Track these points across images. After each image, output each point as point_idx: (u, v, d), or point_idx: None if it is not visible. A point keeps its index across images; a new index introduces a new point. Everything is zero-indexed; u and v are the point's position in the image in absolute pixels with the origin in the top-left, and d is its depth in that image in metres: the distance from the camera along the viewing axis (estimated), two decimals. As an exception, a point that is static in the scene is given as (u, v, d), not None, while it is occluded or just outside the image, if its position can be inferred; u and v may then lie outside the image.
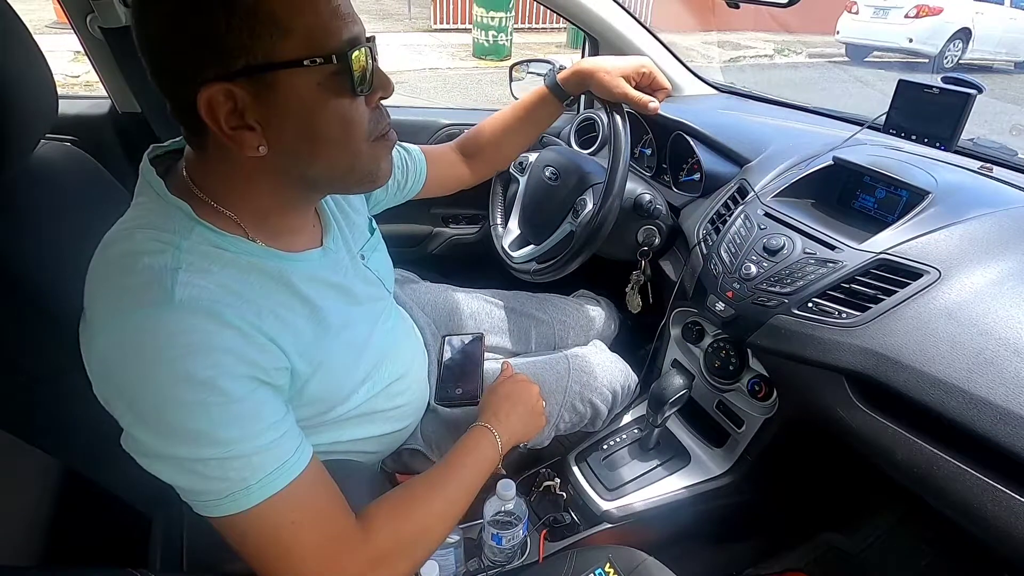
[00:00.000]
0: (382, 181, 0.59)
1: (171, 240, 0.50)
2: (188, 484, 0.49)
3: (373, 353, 0.70)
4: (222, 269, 0.51)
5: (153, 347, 0.46)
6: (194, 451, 0.47)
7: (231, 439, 0.48)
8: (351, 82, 0.49)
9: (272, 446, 0.50)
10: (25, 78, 0.57)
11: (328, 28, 0.48)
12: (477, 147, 1.01)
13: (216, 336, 0.48)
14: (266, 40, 0.45)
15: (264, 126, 0.49)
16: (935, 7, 6.95)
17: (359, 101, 0.52)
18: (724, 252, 0.89)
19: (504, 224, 1.28)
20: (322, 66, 0.48)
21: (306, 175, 0.55)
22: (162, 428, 0.47)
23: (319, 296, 0.60)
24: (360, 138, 0.53)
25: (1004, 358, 0.60)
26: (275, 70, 0.47)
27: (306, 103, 0.49)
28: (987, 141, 0.98)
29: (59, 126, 0.66)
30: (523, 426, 0.77)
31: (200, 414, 0.47)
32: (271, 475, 0.49)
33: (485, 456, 0.70)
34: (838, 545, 1.14)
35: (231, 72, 0.46)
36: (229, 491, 0.48)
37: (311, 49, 0.47)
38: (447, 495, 0.63)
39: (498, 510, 0.83)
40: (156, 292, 0.47)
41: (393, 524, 0.57)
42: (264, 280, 0.55)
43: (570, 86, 0.93)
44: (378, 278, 0.74)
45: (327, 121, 0.51)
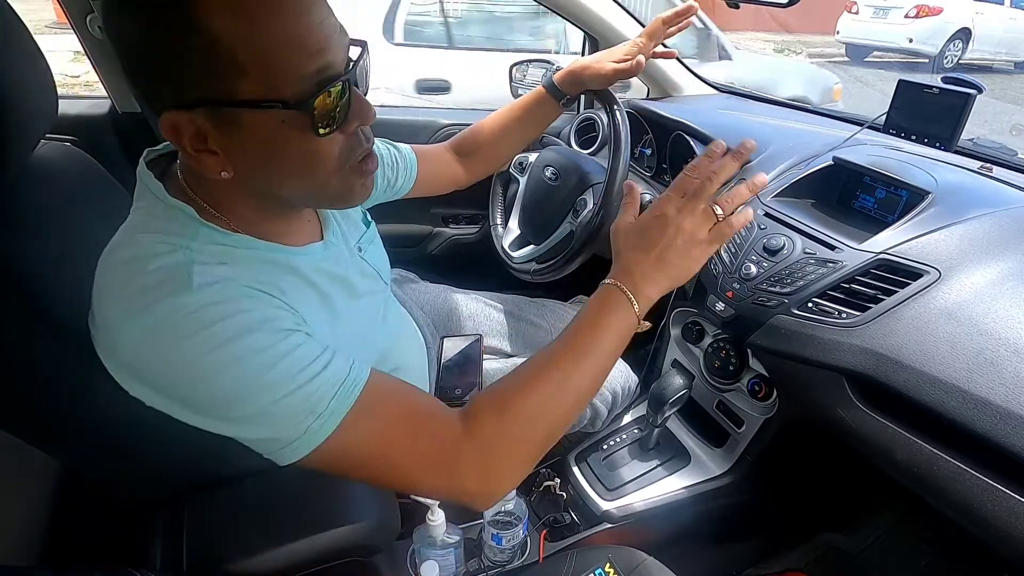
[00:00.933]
0: (357, 201, 0.57)
1: (179, 242, 0.50)
2: (261, 436, 0.49)
3: (374, 345, 0.70)
4: (234, 263, 0.52)
5: (183, 328, 0.46)
6: (252, 405, 0.47)
7: (281, 380, 0.47)
8: (312, 125, 0.46)
9: (324, 372, 0.49)
10: (25, 78, 0.57)
11: (287, 68, 0.45)
12: (473, 146, 1.00)
13: (241, 301, 0.48)
14: (223, 77, 0.44)
15: (226, 153, 0.48)
16: (935, 7, 6.95)
17: (332, 135, 0.49)
18: (724, 252, 0.89)
19: (504, 224, 1.28)
20: (283, 110, 0.45)
21: (277, 195, 0.54)
22: (214, 398, 0.48)
23: (327, 286, 0.60)
24: (328, 170, 0.51)
25: (1004, 358, 0.60)
26: (233, 107, 0.45)
27: (268, 140, 0.47)
28: (987, 141, 0.98)
29: (59, 126, 0.66)
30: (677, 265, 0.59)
31: (244, 369, 0.47)
32: (336, 397, 0.49)
33: (616, 322, 0.57)
34: (838, 545, 1.14)
35: (190, 102, 0.45)
36: (304, 427, 0.48)
37: (268, 91, 0.45)
38: (566, 374, 0.55)
39: (498, 510, 0.83)
40: (174, 283, 0.47)
41: (499, 413, 0.53)
42: (276, 270, 0.56)
43: (566, 85, 0.93)
44: (375, 270, 0.74)
45: (291, 157, 0.49)
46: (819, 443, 0.87)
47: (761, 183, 0.59)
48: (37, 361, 0.56)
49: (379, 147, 0.87)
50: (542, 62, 1.25)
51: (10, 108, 0.54)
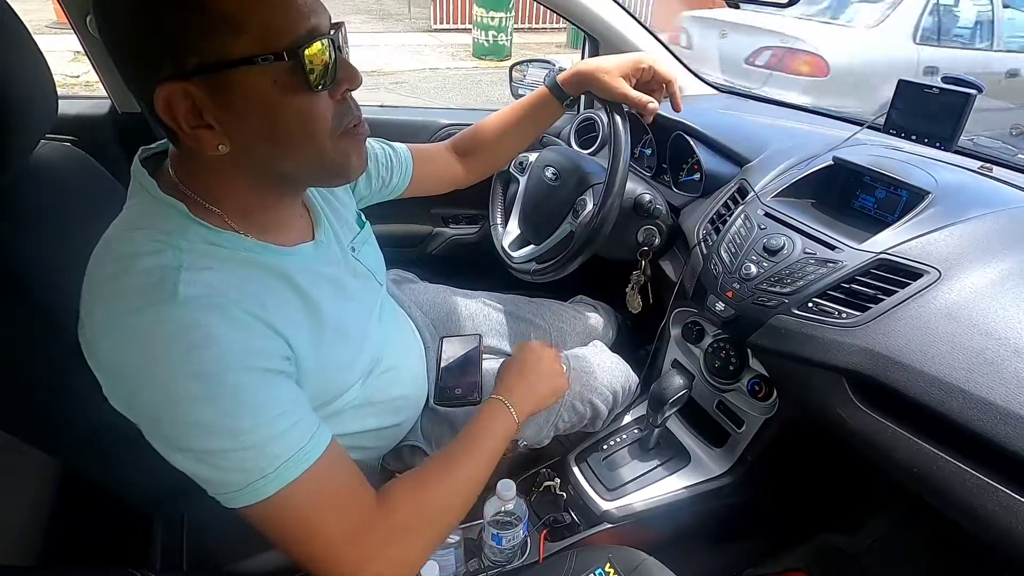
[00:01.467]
0: (355, 175, 0.58)
1: (168, 240, 0.50)
2: (207, 475, 0.49)
3: (369, 347, 0.70)
4: (221, 265, 0.51)
5: (161, 345, 0.46)
6: (209, 443, 0.48)
7: (243, 430, 0.48)
8: (306, 78, 0.48)
9: (286, 434, 0.50)
10: (25, 78, 0.57)
11: (282, 24, 0.46)
12: (473, 145, 1.00)
13: (221, 329, 0.48)
14: (218, 38, 0.45)
15: (223, 124, 0.49)
16: (935, 7, 6.95)
17: (321, 96, 0.50)
18: (724, 252, 0.89)
19: (504, 224, 1.28)
20: (276, 63, 0.46)
21: (276, 171, 0.54)
22: (176, 422, 0.48)
23: (315, 290, 0.60)
24: (324, 133, 0.52)
25: (1004, 358, 0.60)
26: (228, 68, 0.46)
27: (263, 101, 0.48)
28: (987, 141, 0.98)
29: (59, 126, 0.66)
30: (542, 390, 0.78)
31: (211, 407, 0.47)
32: (288, 463, 0.49)
33: (501, 429, 0.70)
34: (838, 545, 1.13)
35: (185, 71, 0.45)
36: (248, 481, 0.48)
37: (264, 46, 0.46)
38: (465, 470, 0.64)
39: (498, 510, 0.83)
40: (159, 291, 0.47)
41: (413, 499, 0.58)
42: (262, 274, 0.55)
43: (570, 87, 0.93)
44: (368, 271, 0.74)
45: (286, 118, 0.50)
46: (819, 443, 0.87)
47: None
48: (37, 361, 0.56)
49: (373, 146, 0.87)
50: (542, 62, 1.25)
51: (10, 108, 0.54)
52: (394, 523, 0.56)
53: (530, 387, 0.77)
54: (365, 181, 0.85)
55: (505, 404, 0.73)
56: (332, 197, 0.73)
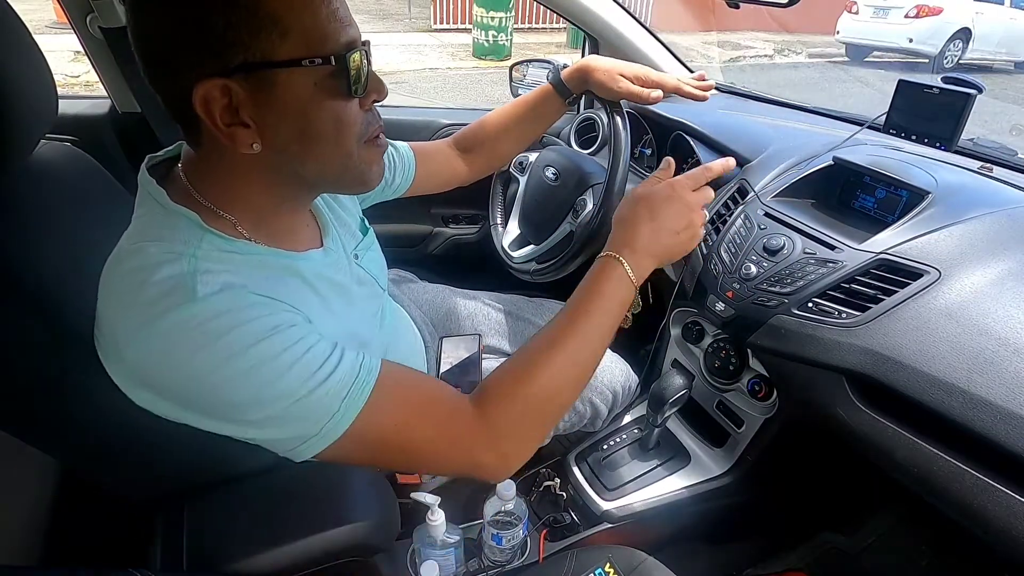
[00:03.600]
0: (373, 184, 0.59)
1: (183, 250, 0.50)
2: (277, 436, 0.51)
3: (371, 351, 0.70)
4: (237, 269, 0.52)
5: (191, 341, 0.47)
6: (266, 411, 0.49)
7: (294, 387, 0.49)
8: (347, 83, 0.50)
9: (336, 372, 0.50)
10: (25, 78, 0.57)
11: (326, 31, 0.48)
12: (476, 142, 1.00)
13: (244, 312, 0.49)
14: (265, 39, 0.46)
15: (258, 123, 0.49)
16: (935, 7, 6.95)
17: (353, 103, 0.52)
18: (724, 252, 0.89)
19: (504, 224, 1.28)
20: (320, 67, 0.48)
21: (299, 173, 0.55)
22: (229, 406, 0.49)
23: (326, 292, 0.61)
24: (352, 139, 0.54)
25: (1004, 358, 0.60)
26: (273, 68, 0.47)
27: (301, 102, 0.49)
28: (987, 141, 0.98)
29: (59, 126, 0.66)
30: (666, 242, 0.65)
31: (258, 377, 0.48)
32: (349, 394, 0.50)
33: (612, 295, 0.61)
34: (838, 545, 1.14)
35: (229, 68, 0.46)
36: (320, 426, 0.50)
37: (309, 50, 0.48)
38: (569, 353, 0.58)
39: (498, 510, 0.83)
40: (180, 295, 0.47)
41: (509, 397, 0.56)
42: (278, 274, 0.56)
43: (573, 83, 0.93)
44: (372, 277, 0.74)
45: (321, 120, 0.51)
46: (819, 443, 0.87)
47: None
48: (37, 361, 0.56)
49: None
50: (542, 62, 1.25)
51: (10, 108, 0.54)
52: (491, 426, 0.55)
53: (654, 234, 0.64)
54: None
55: (618, 260, 0.62)
56: (337, 205, 0.74)
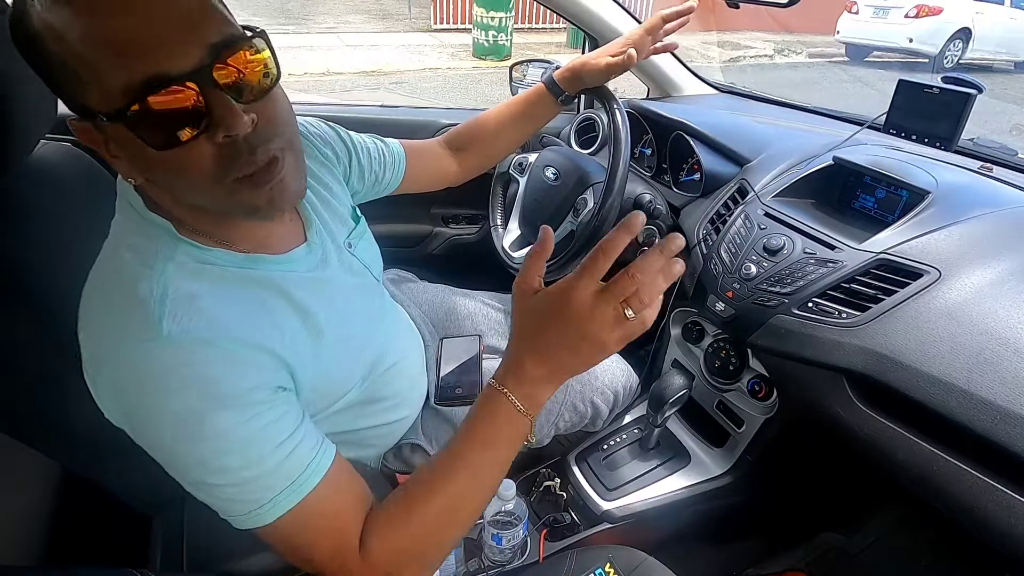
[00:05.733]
0: (269, 216, 0.51)
1: (155, 264, 0.49)
2: (209, 502, 0.49)
3: (371, 347, 0.70)
4: (211, 287, 0.50)
5: (151, 382, 0.46)
6: (206, 477, 0.48)
7: (239, 466, 0.47)
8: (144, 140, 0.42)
9: (286, 462, 0.49)
10: (25, 78, 0.57)
11: (111, 77, 0.40)
12: (467, 141, 0.99)
13: (211, 367, 0.47)
14: (75, 90, 0.43)
15: (124, 160, 0.47)
16: (935, 7, 6.94)
17: (196, 144, 0.44)
18: (724, 252, 0.89)
19: (504, 224, 1.28)
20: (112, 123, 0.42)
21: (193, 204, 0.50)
22: (173, 455, 0.48)
23: (313, 298, 0.59)
24: (206, 183, 0.46)
25: (1004, 358, 0.60)
26: (87, 120, 0.44)
27: (132, 150, 0.44)
28: (987, 141, 0.98)
29: (59, 126, 0.66)
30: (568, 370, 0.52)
31: (203, 446, 0.46)
32: (286, 491, 0.49)
33: (498, 429, 0.53)
34: (838, 545, 1.14)
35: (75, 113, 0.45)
36: (248, 510, 0.48)
37: (101, 102, 0.41)
38: (449, 495, 0.53)
39: (498, 510, 0.83)
40: (144, 327, 0.46)
41: (391, 536, 0.52)
42: (255, 290, 0.54)
43: (565, 83, 0.93)
44: (364, 266, 0.73)
45: (162, 167, 0.45)
46: (819, 443, 0.87)
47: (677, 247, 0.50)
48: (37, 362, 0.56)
49: (366, 141, 0.87)
50: (542, 62, 1.25)
51: (10, 108, 0.54)
52: (373, 563, 0.51)
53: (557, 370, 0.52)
54: (358, 177, 0.85)
55: (505, 395, 0.52)
56: (326, 193, 0.72)
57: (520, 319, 0.54)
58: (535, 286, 0.53)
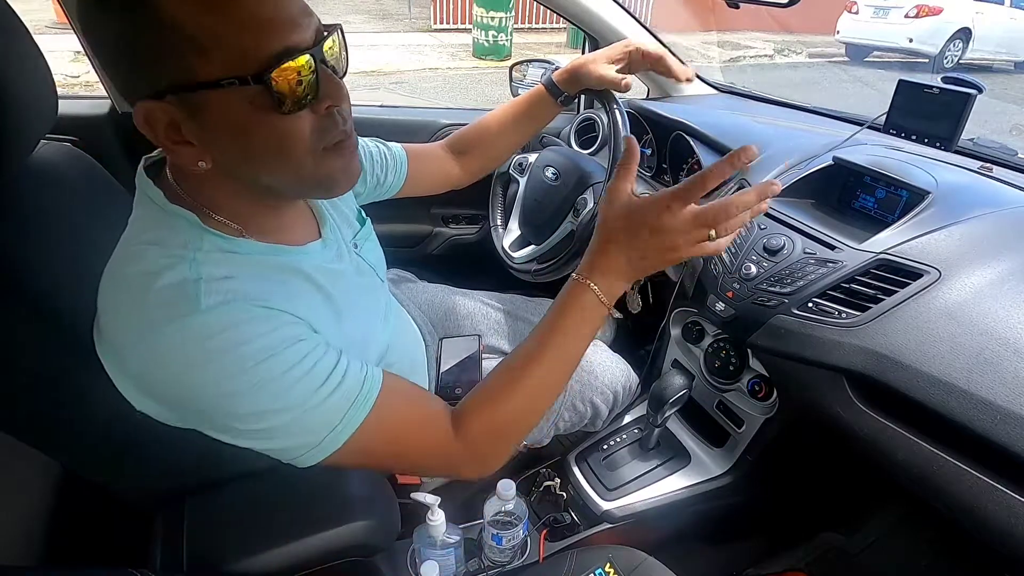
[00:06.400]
0: (341, 189, 0.56)
1: (184, 254, 0.50)
2: (278, 447, 0.52)
3: (372, 345, 0.70)
4: (239, 272, 0.52)
5: (194, 354, 0.47)
6: (268, 423, 0.50)
7: (297, 402, 0.50)
8: (276, 102, 0.46)
9: (340, 387, 0.52)
10: (25, 78, 0.57)
11: (249, 45, 0.44)
12: (469, 144, 1.00)
13: (248, 326, 0.49)
14: (187, 60, 0.44)
15: (201, 142, 0.48)
16: (935, 7, 6.95)
17: (300, 114, 0.48)
18: (724, 252, 0.89)
19: (504, 224, 1.28)
20: (243, 87, 0.45)
21: (259, 184, 0.53)
22: (230, 416, 0.50)
23: (331, 285, 0.61)
24: (302, 151, 0.50)
25: (1004, 358, 0.60)
26: (198, 90, 0.45)
27: (237, 121, 0.47)
28: (987, 141, 0.98)
29: (59, 126, 0.66)
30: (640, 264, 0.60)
31: (259, 395, 0.49)
32: (351, 409, 0.52)
33: (584, 321, 0.61)
34: (838, 545, 1.14)
35: (159, 90, 0.46)
36: (320, 439, 0.51)
37: (229, 69, 0.44)
38: (539, 375, 0.60)
39: (498, 510, 0.83)
40: (183, 304, 0.47)
41: (484, 417, 0.59)
42: (281, 274, 0.56)
43: (565, 84, 0.93)
44: (371, 267, 0.74)
45: (262, 138, 0.48)
46: (819, 443, 0.87)
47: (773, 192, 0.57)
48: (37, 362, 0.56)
49: (368, 145, 0.88)
50: (542, 62, 1.25)
51: (10, 108, 0.53)
52: (469, 443, 0.58)
53: (637, 268, 0.60)
54: (361, 179, 0.86)
55: (589, 287, 0.59)
56: None
57: (611, 220, 0.60)
58: (628, 191, 0.60)
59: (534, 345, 0.61)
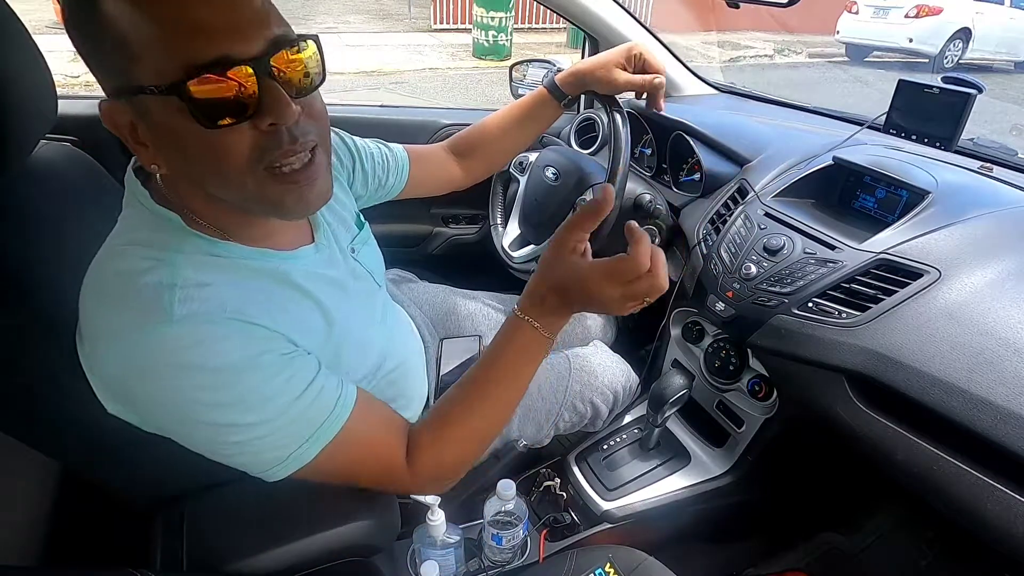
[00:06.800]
0: (291, 216, 0.53)
1: (164, 256, 0.50)
2: (244, 462, 0.52)
3: (372, 350, 0.70)
4: (221, 277, 0.51)
5: (163, 367, 0.47)
6: (235, 437, 0.50)
7: (266, 418, 0.50)
8: (194, 115, 0.43)
9: (312, 406, 0.52)
10: (25, 78, 0.57)
11: (175, 52, 0.42)
12: (471, 146, 1.00)
13: (222, 343, 0.48)
14: (122, 63, 0.43)
15: (153, 145, 0.48)
16: (935, 7, 6.95)
17: (233, 129, 0.45)
18: (724, 252, 0.89)
19: (504, 224, 1.28)
20: (166, 95, 0.43)
21: (212, 195, 0.51)
22: (197, 428, 0.50)
23: (320, 292, 0.60)
24: (238, 169, 0.47)
25: (1004, 358, 0.60)
26: (132, 95, 0.44)
27: (173, 129, 0.45)
28: (987, 141, 0.98)
29: (59, 126, 0.66)
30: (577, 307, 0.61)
31: (228, 410, 0.48)
32: (323, 426, 0.53)
33: (525, 351, 0.62)
34: (838, 545, 1.13)
35: (115, 89, 0.46)
36: (285, 456, 0.52)
37: (154, 76, 0.43)
38: (485, 408, 0.63)
39: (498, 510, 0.83)
40: (156, 312, 0.47)
41: (435, 449, 0.61)
42: (266, 282, 0.55)
43: (568, 87, 0.93)
44: (368, 272, 0.74)
45: (196, 150, 0.46)
46: (819, 443, 0.87)
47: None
48: (36, 362, 0.56)
49: (369, 146, 0.87)
50: (542, 62, 1.25)
51: (10, 108, 0.54)
52: (420, 473, 0.61)
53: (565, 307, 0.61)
54: (362, 182, 0.85)
55: (529, 323, 0.61)
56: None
57: (551, 268, 0.60)
58: (571, 246, 0.60)
59: (480, 377, 0.63)
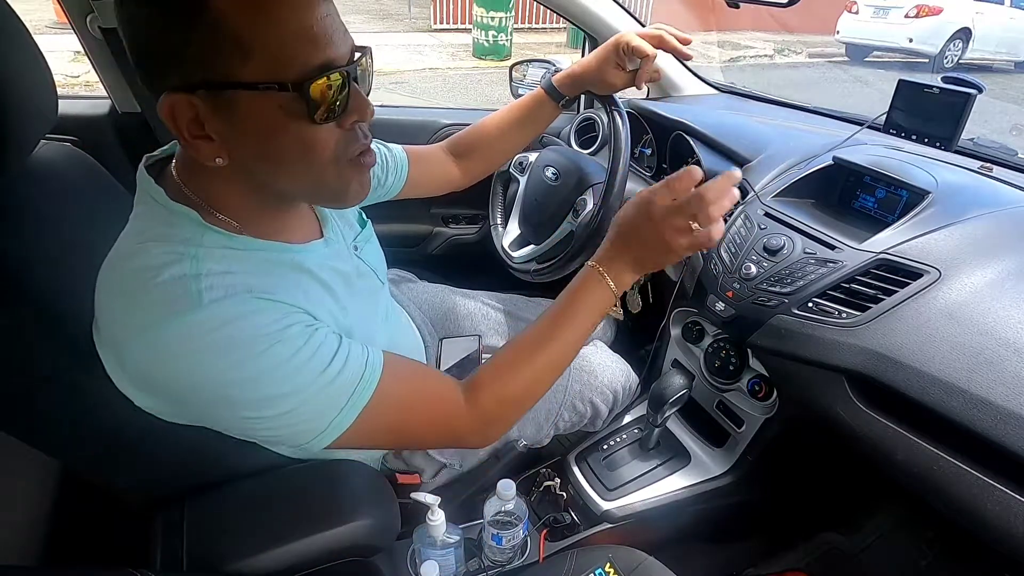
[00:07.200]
0: (352, 201, 0.57)
1: (185, 250, 0.50)
2: (286, 434, 0.53)
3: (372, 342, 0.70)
4: (242, 267, 0.52)
5: (197, 350, 0.48)
6: (278, 408, 0.51)
7: (306, 384, 0.51)
8: (310, 111, 0.48)
9: (343, 371, 0.53)
10: (25, 78, 0.57)
11: (292, 55, 0.46)
12: (469, 146, 1.00)
13: (249, 319, 0.49)
14: (227, 58, 0.45)
15: (223, 139, 0.49)
16: (935, 7, 6.95)
17: (326, 126, 0.50)
18: (724, 252, 0.89)
19: (504, 224, 1.29)
20: (280, 93, 0.46)
21: (271, 187, 0.55)
22: (235, 407, 0.50)
23: (333, 282, 0.61)
24: (324, 162, 0.52)
25: (1004, 358, 0.60)
26: (233, 89, 0.46)
27: (265, 124, 0.48)
28: (987, 141, 0.98)
29: (59, 126, 0.66)
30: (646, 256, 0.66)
31: (267, 381, 0.50)
32: (355, 392, 0.54)
33: (595, 304, 0.66)
34: (838, 545, 1.14)
35: (191, 84, 0.46)
36: (327, 422, 0.53)
37: (270, 74, 0.46)
38: (550, 352, 0.65)
39: (498, 510, 0.83)
40: (184, 300, 0.48)
41: (497, 388, 0.63)
42: (283, 270, 0.56)
43: (565, 88, 0.93)
44: (371, 269, 0.74)
45: (287, 143, 0.50)
46: (819, 443, 0.87)
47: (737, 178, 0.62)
48: (37, 361, 0.56)
49: None
50: (542, 62, 1.25)
51: (10, 108, 0.54)
52: (483, 412, 0.62)
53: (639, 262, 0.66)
54: None
55: (601, 274, 0.65)
56: None
57: (622, 215, 0.66)
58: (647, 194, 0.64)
59: (547, 324, 0.66)
